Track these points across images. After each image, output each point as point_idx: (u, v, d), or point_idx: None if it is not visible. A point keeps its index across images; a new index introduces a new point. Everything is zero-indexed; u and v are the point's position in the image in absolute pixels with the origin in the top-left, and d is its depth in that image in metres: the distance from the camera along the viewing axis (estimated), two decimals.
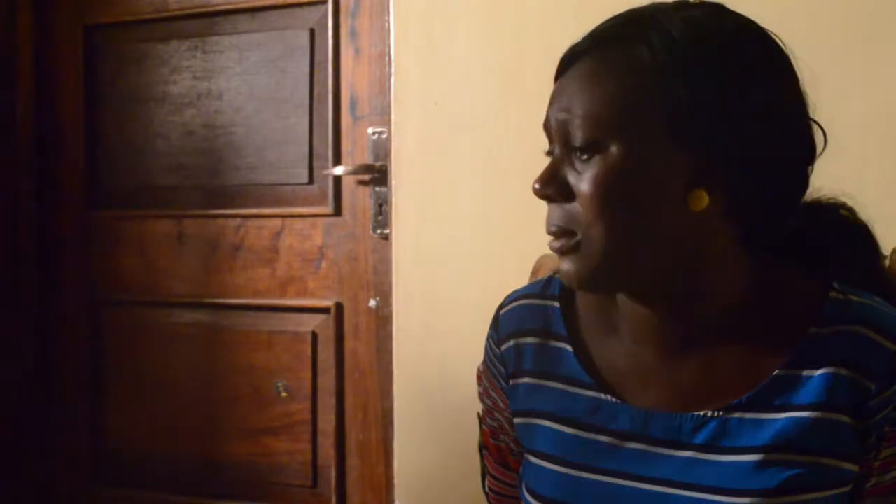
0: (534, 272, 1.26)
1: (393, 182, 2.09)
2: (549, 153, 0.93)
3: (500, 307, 1.07)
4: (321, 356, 2.29)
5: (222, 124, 2.39)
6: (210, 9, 2.38)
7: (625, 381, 0.96)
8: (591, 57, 0.89)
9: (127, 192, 2.51)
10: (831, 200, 0.99)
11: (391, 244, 2.12)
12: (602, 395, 0.96)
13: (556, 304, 1.02)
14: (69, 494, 2.59)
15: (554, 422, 0.99)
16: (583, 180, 0.87)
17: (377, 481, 2.24)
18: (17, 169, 2.56)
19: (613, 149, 0.86)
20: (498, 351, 1.05)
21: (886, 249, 1.11)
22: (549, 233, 0.92)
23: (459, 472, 2.07)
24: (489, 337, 1.08)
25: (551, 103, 0.92)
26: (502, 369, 1.05)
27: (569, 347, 0.99)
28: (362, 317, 2.25)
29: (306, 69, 2.28)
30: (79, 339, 2.56)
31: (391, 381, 2.13)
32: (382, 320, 2.20)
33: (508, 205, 1.98)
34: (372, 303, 2.22)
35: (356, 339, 2.26)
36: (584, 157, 0.87)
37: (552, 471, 0.98)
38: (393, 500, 2.16)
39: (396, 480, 2.13)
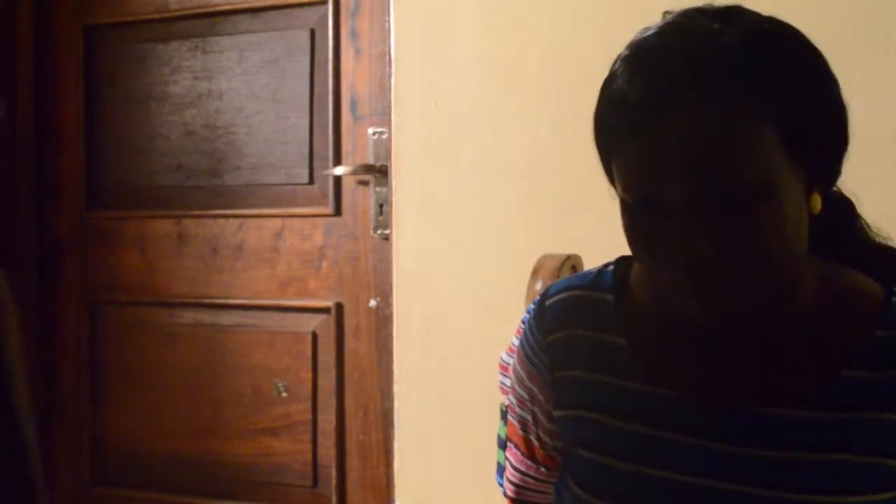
0: (534, 272, 1.26)
1: (393, 182, 2.09)
2: (661, 204, 0.84)
3: (546, 297, 1.03)
4: (321, 356, 2.29)
5: (222, 124, 2.38)
6: (210, 9, 2.38)
7: (685, 378, 0.94)
8: (700, 97, 0.81)
9: (127, 192, 2.51)
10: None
11: (391, 244, 2.12)
12: (661, 391, 0.94)
13: (610, 297, 0.99)
14: (69, 495, 2.59)
15: (610, 417, 0.96)
16: (739, 230, 0.83)
17: (377, 481, 2.24)
18: (17, 169, 2.55)
19: (769, 201, 0.83)
20: (543, 342, 1.01)
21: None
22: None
23: (459, 473, 2.07)
24: (530, 327, 1.03)
25: (661, 146, 0.83)
26: (546, 360, 1.01)
27: (623, 341, 0.97)
28: (363, 317, 2.25)
29: (306, 69, 2.28)
30: (78, 340, 2.56)
31: (391, 381, 2.13)
32: (382, 320, 2.20)
33: (508, 205, 1.98)
34: (372, 303, 2.22)
35: (356, 339, 2.25)
36: (734, 208, 0.83)
37: (614, 468, 0.95)
38: (393, 500, 2.16)
39: (396, 480, 2.13)
